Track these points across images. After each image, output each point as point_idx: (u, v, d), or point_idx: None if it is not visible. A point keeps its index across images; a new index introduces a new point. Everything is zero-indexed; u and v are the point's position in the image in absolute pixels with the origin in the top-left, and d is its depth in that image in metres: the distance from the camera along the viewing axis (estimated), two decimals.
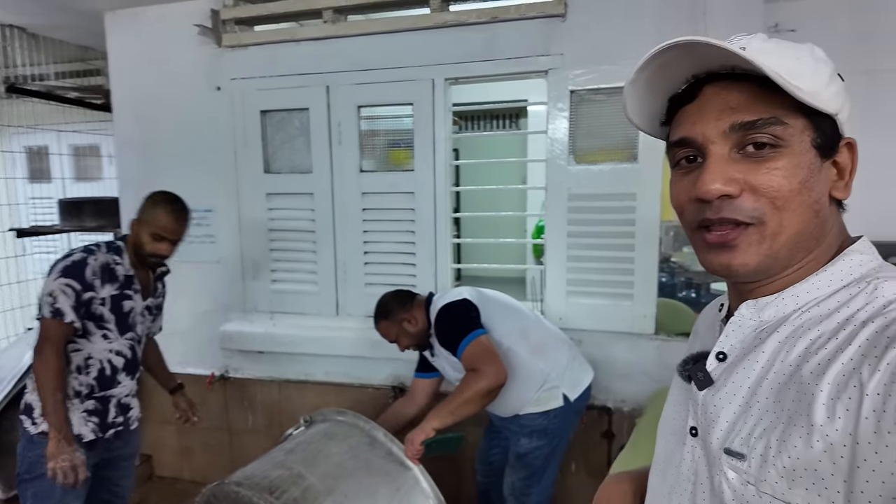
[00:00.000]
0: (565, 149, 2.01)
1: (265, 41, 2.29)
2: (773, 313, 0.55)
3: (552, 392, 1.74)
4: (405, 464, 1.54)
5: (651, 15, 1.91)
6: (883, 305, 0.48)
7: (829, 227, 0.55)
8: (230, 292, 2.46)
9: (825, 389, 0.46)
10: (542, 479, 1.80)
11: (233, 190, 2.40)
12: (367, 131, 2.28)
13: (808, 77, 0.50)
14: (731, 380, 0.56)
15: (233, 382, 2.50)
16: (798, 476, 0.46)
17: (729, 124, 0.51)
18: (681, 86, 0.57)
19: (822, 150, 0.52)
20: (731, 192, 0.51)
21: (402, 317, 1.81)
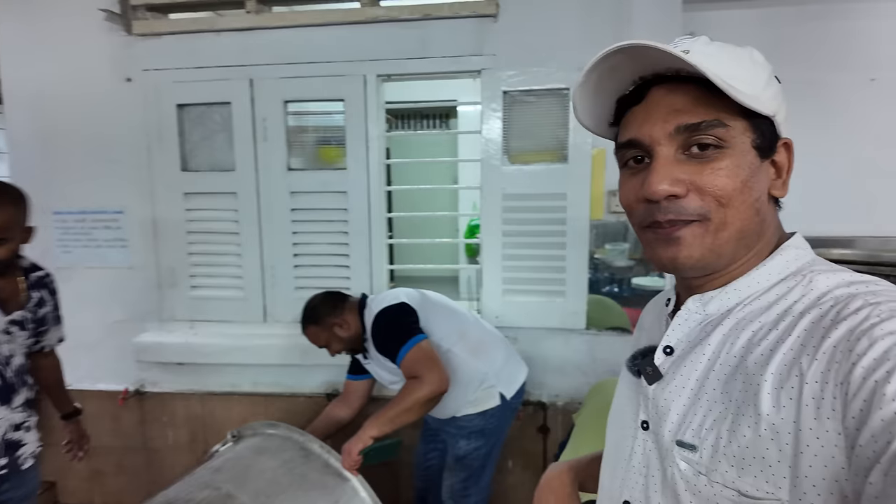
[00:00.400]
0: (499, 149, 2.01)
1: (181, 30, 2.13)
2: (718, 307, 0.58)
3: (489, 391, 1.73)
4: (343, 475, 1.48)
5: (578, 20, 1.96)
6: (817, 297, 0.51)
7: (767, 224, 0.57)
8: (145, 300, 2.27)
9: (769, 379, 0.48)
10: (480, 479, 1.79)
11: (146, 190, 2.21)
12: (295, 127, 2.18)
13: (748, 80, 0.53)
14: (679, 373, 0.58)
15: (150, 397, 2.31)
16: (747, 464, 0.48)
17: (674, 126, 0.53)
18: (628, 88, 0.59)
19: (761, 151, 0.55)
20: (678, 192, 0.53)
21: (332, 321, 1.74)
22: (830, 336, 0.46)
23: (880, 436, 0.40)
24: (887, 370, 0.41)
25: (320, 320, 1.74)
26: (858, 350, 0.43)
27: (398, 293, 1.77)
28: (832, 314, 0.48)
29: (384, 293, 1.81)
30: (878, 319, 0.44)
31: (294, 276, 2.20)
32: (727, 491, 0.50)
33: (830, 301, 0.49)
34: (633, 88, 0.58)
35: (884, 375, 0.41)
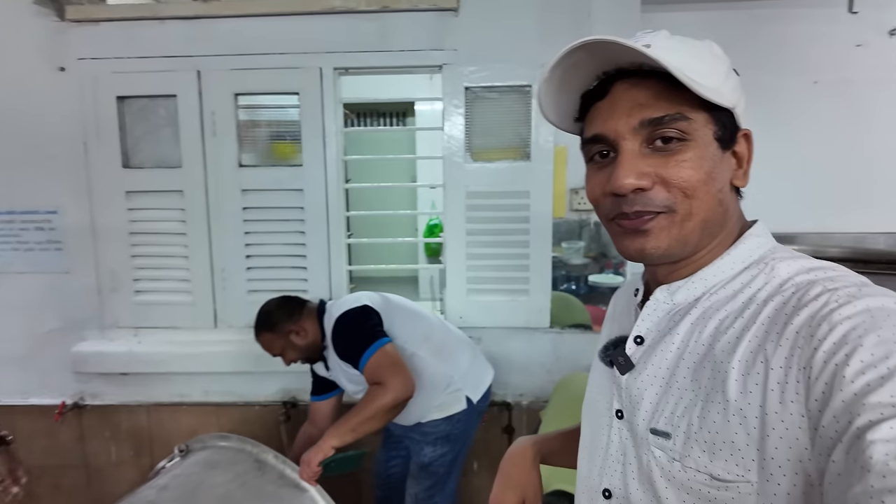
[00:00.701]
0: (462, 146, 1.97)
1: (121, 17, 1.98)
2: (685, 296, 0.60)
3: (455, 395, 1.68)
4: (300, 486, 1.40)
5: (538, 16, 1.94)
6: (779, 284, 0.53)
7: (730, 213, 0.59)
8: (83, 307, 2.11)
9: (736, 366, 0.50)
10: (445, 486, 1.74)
11: (83, 188, 2.05)
12: (247, 122, 2.07)
13: (708, 73, 0.54)
14: (650, 362, 0.60)
15: (90, 411, 2.15)
16: (718, 449, 0.50)
17: (638, 121, 0.54)
18: (592, 83, 0.59)
19: (722, 142, 0.56)
20: (644, 185, 0.54)
21: (289, 328, 1.64)
22: (793, 322, 0.48)
23: (841, 416, 0.41)
24: (846, 353, 0.43)
25: (275, 327, 1.64)
26: (819, 335, 0.45)
27: (359, 296, 1.69)
28: (794, 301, 0.50)
29: (344, 297, 1.73)
30: (836, 305, 0.46)
31: (247, 278, 2.09)
32: (700, 476, 0.51)
33: (792, 288, 0.51)
34: (597, 84, 0.59)
35: (843, 358, 0.43)
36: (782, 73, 2.50)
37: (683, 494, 0.53)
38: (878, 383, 0.40)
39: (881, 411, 0.39)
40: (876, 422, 0.39)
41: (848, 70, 2.51)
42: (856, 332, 0.44)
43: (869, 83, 2.50)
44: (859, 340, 0.43)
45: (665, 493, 0.55)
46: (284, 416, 2.07)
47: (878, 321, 0.43)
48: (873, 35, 2.49)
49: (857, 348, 0.43)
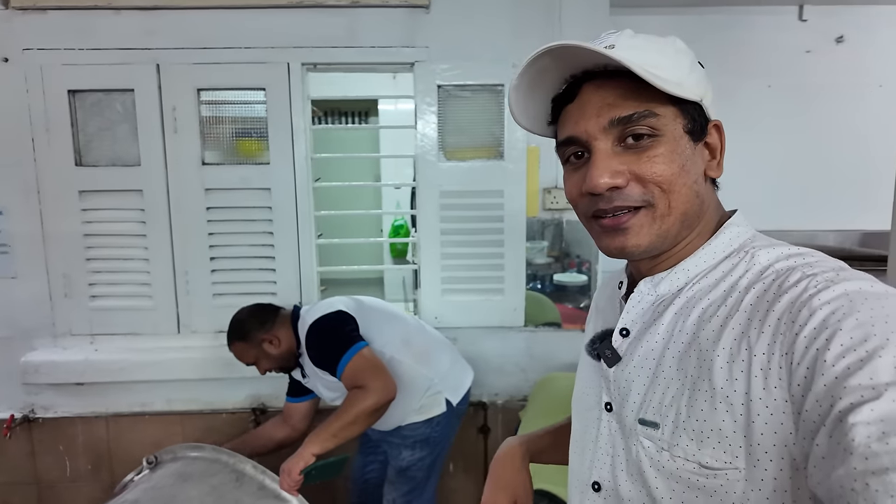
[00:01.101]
0: (435, 145, 1.96)
1: (72, 6, 1.87)
2: (668, 287, 0.60)
3: (435, 398, 1.66)
4: (280, 496, 1.36)
5: (510, 15, 1.95)
6: (760, 271, 0.54)
7: (707, 204, 0.60)
8: (34, 314, 1.97)
9: (721, 354, 0.51)
10: (423, 491, 1.71)
11: (31, 187, 1.93)
12: (210, 118, 1.98)
13: (672, 68, 0.55)
14: (636, 353, 0.60)
15: (42, 424, 2.02)
16: (706, 437, 0.51)
17: (608, 120, 0.55)
18: (561, 86, 0.60)
19: (693, 135, 0.57)
20: (619, 183, 0.55)
21: (262, 337, 1.59)
22: (774, 309, 0.49)
23: (824, 399, 0.42)
24: (826, 338, 0.43)
25: (247, 336, 1.59)
26: (800, 321, 0.46)
27: (333, 302, 1.65)
28: (774, 288, 0.50)
29: (318, 303, 1.68)
30: (815, 290, 0.47)
31: (211, 281, 2.01)
32: (689, 464, 0.52)
33: (772, 275, 0.52)
34: (565, 87, 0.60)
35: (823, 343, 0.43)
36: (738, 76, 2.60)
37: (673, 483, 0.53)
38: (857, 366, 0.41)
39: (861, 394, 0.39)
40: (857, 404, 0.39)
41: (799, 75, 2.63)
42: (835, 317, 0.44)
43: (818, 87, 2.63)
44: (838, 324, 0.44)
45: (654, 482, 0.55)
46: (254, 423, 2.00)
47: (855, 305, 0.44)
48: (822, 42, 2.62)
49: (837, 332, 0.43)
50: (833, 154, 2.62)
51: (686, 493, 0.52)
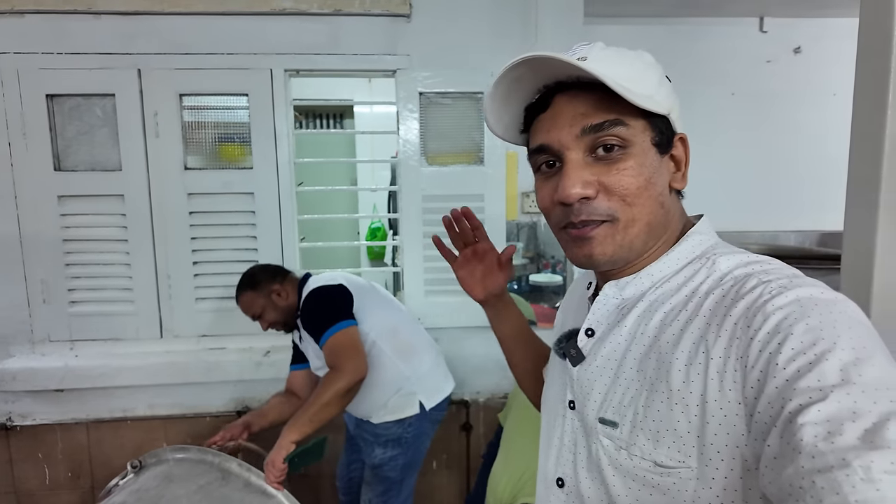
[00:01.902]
0: (417, 150, 2.01)
1: (50, 9, 1.86)
2: (633, 291, 0.62)
3: (409, 398, 1.68)
4: (267, 492, 1.38)
5: (488, 25, 2.01)
6: (720, 277, 0.55)
7: (672, 214, 0.62)
8: (11, 320, 1.95)
9: (680, 357, 0.52)
10: (400, 492, 1.73)
11: (8, 192, 1.91)
12: (192, 123, 1.99)
13: (642, 81, 0.56)
14: (600, 354, 0.62)
15: (20, 432, 1.99)
16: (661, 437, 0.52)
17: (580, 128, 0.56)
18: (534, 96, 0.61)
19: (660, 147, 0.59)
20: (589, 194, 0.56)
21: (272, 287, 1.66)
22: (731, 314, 0.50)
23: (775, 401, 0.43)
24: (778, 342, 0.45)
25: (259, 285, 1.67)
26: (755, 325, 0.47)
27: (337, 275, 1.70)
28: (732, 293, 0.52)
29: (325, 274, 1.74)
30: (769, 296, 0.48)
31: (194, 286, 2.02)
32: (645, 463, 0.53)
33: (731, 281, 0.54)
34: (539, 97, 0.61)
35: (776, 347, 0.45)
36: (704, 83, 2.72)
37: (629, 482, 0.55)
38: (806, 369, 0.42)
39: (810, 395, 0.41)
40: (805, 405, 0.40)
41: (760, 83, 2.77)
42: (787, 322, 0.46)
43: (778, 95, 2.77)
44: (790, 329, 0.45)
45: (612, 480, 0.56)
46: None
47: (806, 310, 0.46)
48: (781, 52, 2.76)
49: (789, 336, 0.45)
50: (793, 158, 2.76)
51: (641, 490, 0.54)
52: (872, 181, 1.12)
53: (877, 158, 1.10)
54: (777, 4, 2.61)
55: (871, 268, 1.12)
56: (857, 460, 0.36)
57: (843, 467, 0.36)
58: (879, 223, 1.11)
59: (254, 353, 2.02)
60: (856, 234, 1.17)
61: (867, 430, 0.37)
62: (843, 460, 0.37)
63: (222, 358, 2.01)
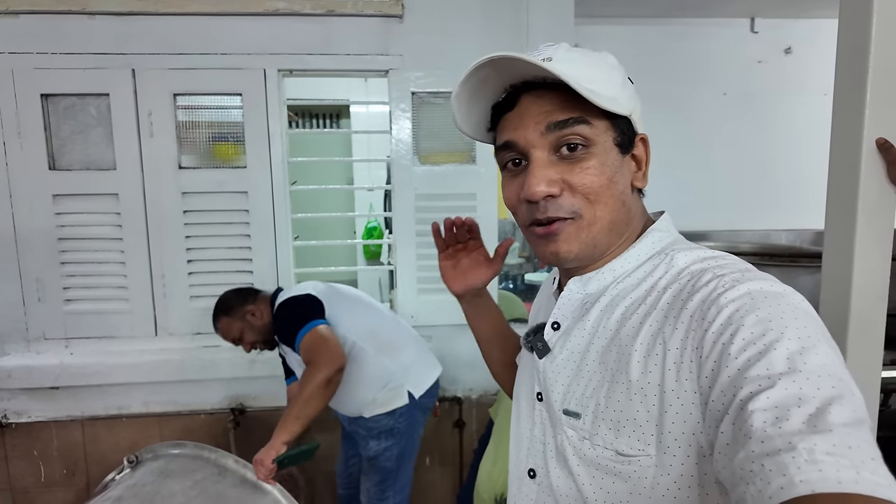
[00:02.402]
0: (409, 149, 2.03)
1: (45, 10, 1.87)
2: (596, 286, 0.64)
3: (397, 391, 1.72)
4: (262, 488, 1.40)
5: (480, 26, 2.03)
6: (677, 273, 0.58)
7: (633, 212, 0.64)
8: (5, 319, 1.96)
9: (638, 349, 0.54)
10: (396, 480, 1.77)
11: (2, 190, 1.92)
12: (186, 122, 2.01)
13: (605, 82, 0.58)
14: (565, 347, 0.64)
15: (15, 429, 2.01)
16: (622, 426, 0.54)
17: (545, 125, 0.58)
18: (501, 95, 0.63)
19: (622, 147, 0.61)
20: (554, 192, 0.58)
21: (245, 309, 1.70)
22: (687, 307, 0.52)
23: (728, 390, 0.45)
24: (731, 333, 0.47)
25: (232, 310, 1.70)
26: (709, 317, 0.50)
27: (305, 286, 1.74)
28: (688, 287, 0.54)
29: (296, 286, 1.77)
30: (723, 289, 0.51)
31: (189, 284, 2.04)
32: (607, 452, 0.55)
33: (687, 276, 0.56)
34: (505, 96, 0.62)
35: (728, 338, 0.47)
36: (695, 83, 2.75)
37: (593, 470, 0.57)
38: (756, 358, 0.44)
39: (759, 383, 0.43)
40: (755, 393, 0.42)
41: (751, 83, 2.79)
42: (738, 314, 0.48)
43: (769, 95, 2.80)
44: (741, 321, 0.47)
45: (577, 469, 0.58)
46: (233, 423, 2.02)
47: (756, 302, 0.48)
48: (772, 53, 2.79)
49: (740, 328, 0.47)
50: (783, 157, 2.79)
51: (605, 479, 0.56)
52: (851, 181, 1.14)
53: (855, 160, 1.13)
54: (768, 5, 2.64)
55: (850, 265, 1.14)
56: (801, 443, 0.38)
57: (790, 450, 0.38)
58: (858, 222, 1.14)
59: None
60: (836, 233, 1.19)
61: (811, 415, 0.39)
62: (789, 444, 0.38)
63: (216, 356, 2.02)
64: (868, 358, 1.16)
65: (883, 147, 1.10)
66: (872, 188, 1.12)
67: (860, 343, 1.16)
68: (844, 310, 1.15)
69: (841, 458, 0.37)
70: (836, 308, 1.18)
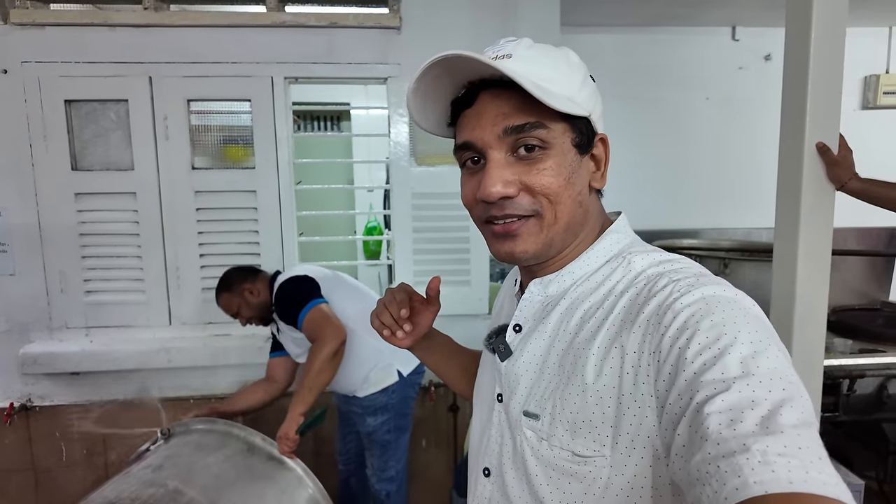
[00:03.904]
0: (407, 152, 2.17)
1: (69, 22, 2.02)
2: (556, 288, 0.65)
3: (387, 370, 1.87)
4: (287, 464, 1.55)
5: (472, 37, 2.17)
6: (634, 276, 0.58)
7: (590, 213, 0.64)
8: (31, 309, 2.11)
9: (595, 353, 0.55)
10: (396, 451, 1.93)
11: (29, 190, 2.06)
12: (199, 126, 2.16)
13: (563, 82, 0.58)
14: (526, 349, 0.64)
15: (39, 412, 2.15)
16: (578, 428, 0.55)
17: (502, 129, 0.57)
18: (460, 91, 0.62)
19: (580, 148, 0.60)
20: (510, 193, 0.58)
21: (243, 286, 1.83)
22: (644, 311, 0.53)
23: (684, 393, 0.46)
24: (687, 337, 0.48)
25: (232, 286, 1.83)
26: (665, 322, 0.50)
27: (304, 268, 1.88)
28: (645, 292, 0.55)
29: (294, 268, 1.92)
30: (678, 294, 0.51)
31: (201, 276, 2.18)
32: (563, 453, 0.56)
33: (644, 280, 0.57)
34: (464, 92, 0.61)
35: (685, 342, 0.48)
36: (679, 89, 2.88)
37: (550, 471, 0.58)
38: (711, 362, 0.45)
39: (714, 386, 0.43)
40: (711, 396, 0.43)
41: (732, 89, 2.93)
42: (694, 319, 0.48)
43: (750, 100, 2.94)
44: (697, 325, 0.48)
45: (535, 470, 0.59)
46: None
47: (711, 307, 0.49)
48: (752, 59, 2.93)
49: (696, 332, 0.47)
50: (762, 159, 2.92)
51: (561, 479, 0.57)
52: (796, 180, 1.29)
53: (798, 161, 1.27)
54: (748, 15, 2.78)
55: (795, 254, 1.29)
56: (755, 445, 0.39)
57: (744, 452, 0.39)
58: (802, 216, 1.28)
59: (256, 339, 2.17)
60: (784, 225, 1.34)
61: (763, 417, 0.40)
62: (743, 445, 0.39)
63: (227, 344, 2.17)
64: (811, 338, 1.30)
65: (822, 150, 1.25)
66: (814, 186, 1.27)
67: (805, 325, 1.30)
68: (790, 295, 1.30)
69: (791, 458, 0.37)
70: (783, 293, 1.32)
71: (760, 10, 2.69)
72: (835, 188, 1.27)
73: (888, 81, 2.89)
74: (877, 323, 2.26)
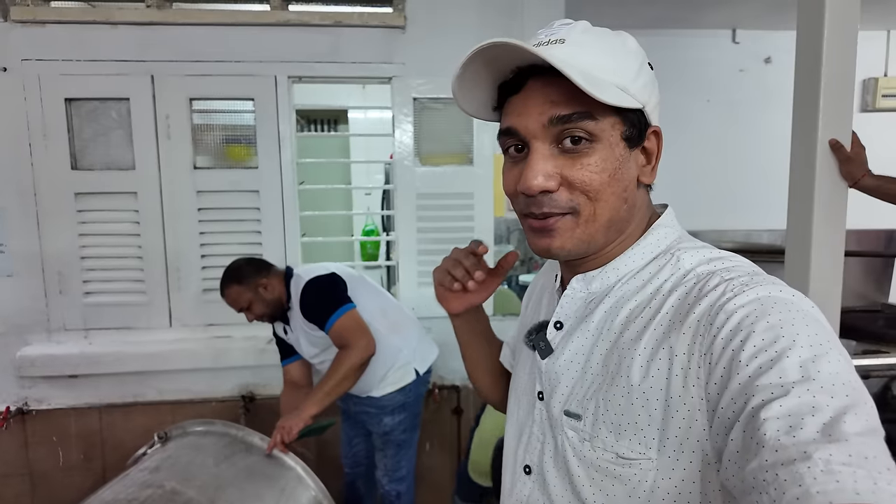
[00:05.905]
0: (411, 152, 2.16)
1: (70, 20, 1.99)
2: (599, 285, 0.63)
3: (406, 368, 1.85)
4: (286, 464, 1.52)
5: (478, 36, 2.14)
6: (683, 275, 0.57)
7: (637, 208, 0.62)
8: (28, 310, 2.07)
9: (641, 353, 0.54)
10: (408, 449, 1.92)
11: (28, 189, 2.03)
12: (201, 125, 2.14)
13: (617, 71, 0.55)
14: (568, 347, 0.63)
15: (35, 416, 2.11)
16: (623, 430, 0.54)
17: (548, 118, 0.55)
18: (508, 75, 0.59)
19: (630, 141, 0.57)
20: (550, 187, 0.56)
21: (258, 281, 1.71)
22: (694, 312, 0.51)
23: (738, 397, 0.44)
24: (741, 339, 0.46)
25: (244, 279, 1.70)
26: (717, 323, 0.48)
27: (328, 265, 1.82)
28: (695, 291, 0.53)
29: (312, 265, 1.85)
30: (732, 294, 0.49)
31: (202, 277, 2.15)
32: (607, 454, 0.55)
33: (693, 278, 0.55)
34: (513, 77, 0.59)
35: (738, 344, 0.46)
36: (680, 92, 2.89)
37: (593, 472, 0.56)
38: (768, 366, 0.43)
39: (772, 391, 0.42)
40: (768, 401, 0.41)
41: (733, 91, 2.95)
42: (748, 320, 0.47)
43: (750, 102, 2.95)
44: (752, 327, 0.46)
45: (577, 471, 0.58)
46: (244, 410, 2.14)
47: (766, 309, 0.47)
48: (752, 62, 2.95)
49: (751, 334, 0.46)
50: (765, 163, 2.94)
51: (604, 481, 0.55)
52: (808, 178, 1.28)
53: (811, 159, 1.27)
54: (748, 18, 2.80)
55: (808, 252, 1.28)
56: (817, 453, 0.37)
57: (805, 460, 0.37)
58: (815, 213, 1.28)
59: (258, 340, 2.15)
60: (796, 223, 1.33)
61: (825, 424, 0.39)
62: (804, 453, 0.37)
63: (228, 346, 2.14)
64: None
65: (835, 147, 1.25)
66: (827, 183, 1.26)
67: None
68: (803, 292, 1.29)
69: (858, 468, 0.36)
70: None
71: (761, 12, 2.71)
72: (848, 185, 1.27)
73: (887, 84, 2.91)
74: (878, 324, 2.27)
